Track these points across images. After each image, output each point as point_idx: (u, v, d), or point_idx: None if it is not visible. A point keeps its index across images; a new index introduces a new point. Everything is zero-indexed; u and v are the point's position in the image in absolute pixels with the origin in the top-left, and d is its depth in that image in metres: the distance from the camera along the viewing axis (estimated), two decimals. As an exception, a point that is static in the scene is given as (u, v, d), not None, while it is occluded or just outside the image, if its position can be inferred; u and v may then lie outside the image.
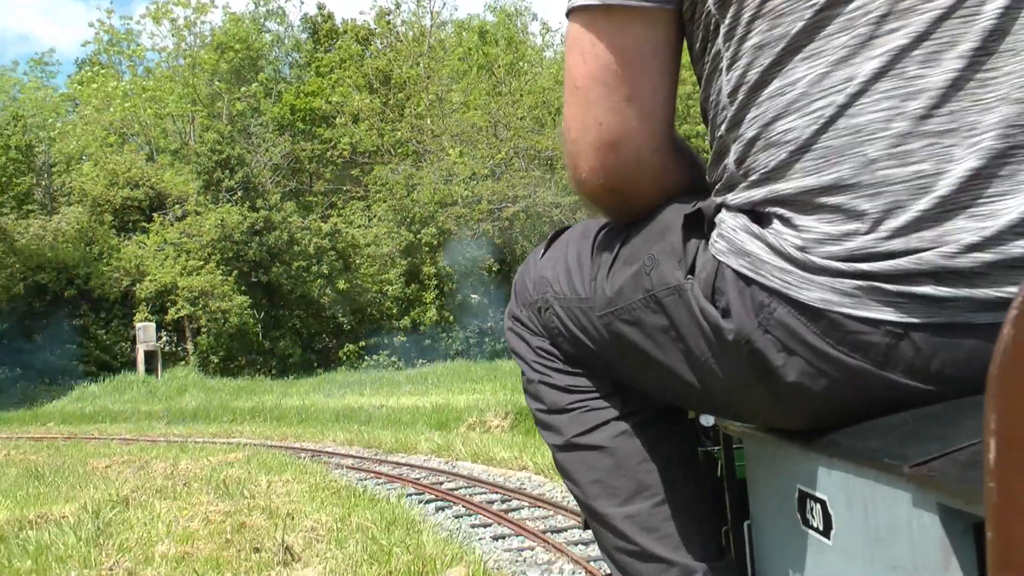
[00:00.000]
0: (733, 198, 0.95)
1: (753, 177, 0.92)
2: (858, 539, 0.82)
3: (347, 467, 11.12)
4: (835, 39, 0.86)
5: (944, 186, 0.81)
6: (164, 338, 33.27)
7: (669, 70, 1.03)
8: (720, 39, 0.95)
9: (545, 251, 1.28)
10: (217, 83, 42.43)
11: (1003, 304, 0.80)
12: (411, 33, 46.09)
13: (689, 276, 0.97)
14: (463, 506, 8.12)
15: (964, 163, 0.81)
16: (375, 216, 38.84)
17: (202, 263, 33.19)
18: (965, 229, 0.81)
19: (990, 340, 0.67)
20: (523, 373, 1.29)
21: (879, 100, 0.84)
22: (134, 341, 29.69)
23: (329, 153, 42.39)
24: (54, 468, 10.31)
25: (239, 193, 33.89)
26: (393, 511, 6.85)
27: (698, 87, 1.04)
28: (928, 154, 0.82)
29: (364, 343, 36.03)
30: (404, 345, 35.49)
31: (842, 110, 0.85)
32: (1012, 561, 0.49)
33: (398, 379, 26.18)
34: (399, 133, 40.95)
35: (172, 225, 36.02)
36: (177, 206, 37.09)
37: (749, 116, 0.92)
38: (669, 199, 1.07)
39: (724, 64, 0.95)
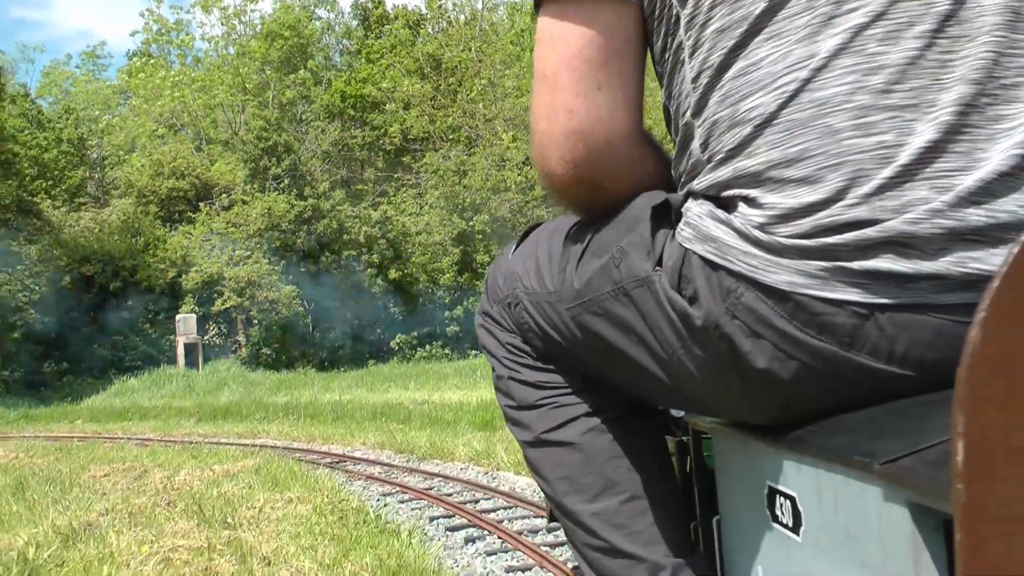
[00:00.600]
0: (699, 183, 0.95)
1: (719, 157, 0.92)
2: (828, 536, 0.82)
3: (371, 477, 9.68)
4: (796, 19, 0.88)
5: (905, 155, 0.83)
6: (214, 330, 32.49)
7: (637, 64, 1.03)
8: (682, 30, 0.96)
9: (517, 247, 1.29)
10: (267, 71, 41.67)
11: (966, 284, 0.82)
12: (462, 17, 45.05)
13: (657, 268, 0.97)
14: (499, 536, 6.56)
15: (924, 135, 0.83)
16: (426, 203, 37.85)
17: (249, 253, 32.50)
18: (926, 199, 0.82)
19: (954, 320, 0.79)
20: (493, 369, 1.29)
21: (842, 75, 0.85)
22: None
23: (380, 140, 41.38)
24: (47, 477, 9.15)
25: (286, 181, 33.07)
26: (403, 552, 5.37)
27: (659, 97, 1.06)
28: (890, 126, 0.84)
29: (416, 333, 34.99)
30: (457, 335, 34.38)
31: (805, 84, 0.86)
32: (980, 562, 0.48)
33: (446, 371, 24.95)
34: (451, 119, 40.13)
35: (218, 215, 35.34)
36: (224, 195, 36.39)
37: (714, 99, 0.93)
38: (639, 193, 1.06)
39: (686, 54, 0.96)
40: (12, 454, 12.11)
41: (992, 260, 0.82)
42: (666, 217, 1.00)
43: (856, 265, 0.83)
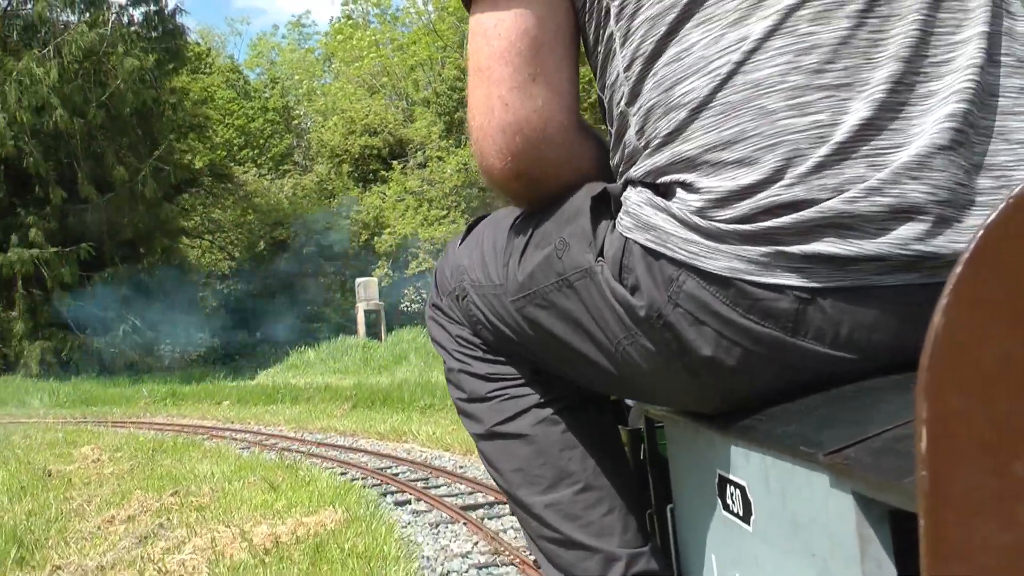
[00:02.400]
0: (636, 170, 0.95)
1: (655, 143, 0.92)
2: (777, 525, 0.82)
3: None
4: (726, 3, 0.88)
5: (840, 134, 0.83)
6: (410, 295, 29.87)
7: (570, 55, 1.03)
8: (612, 21, 0.96)
9: (463, 239, 1.28)
10: (465, 26, 38.78)
11: (907, 265, 0.82)
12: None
13: (600, 258, 0.96)
14: None
15: (858, 113, 0.83)
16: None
17: (445, 212, 29.64)
18: (863, 176, 0.82)
19: (894, 303, 0.80)
20: (444, 362, 1.29)
21: (774, 56, 0.85)
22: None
23: (587, 92, 37.50)
24: (56, 516, 5.82)
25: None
26: None
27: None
28: (825, 105, 0.84)
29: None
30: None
31: (738, 67, 0.86)
32: (945, 550, 0.49)
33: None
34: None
35: (413, 172, 32.70)
36: (419, 152, 33.67)
37: (647, 86, 0.93)
38: (580, 184, 1.06)
39: (617, 44, 0.96)
40: (100, 453, 9.13)
41: (934, 241, 0.81)
42: (606, 207, 1.00)
43: (796, 249, 0.83)
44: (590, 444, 1.17)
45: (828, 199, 0.82)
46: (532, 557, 1.25)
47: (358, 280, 23.55)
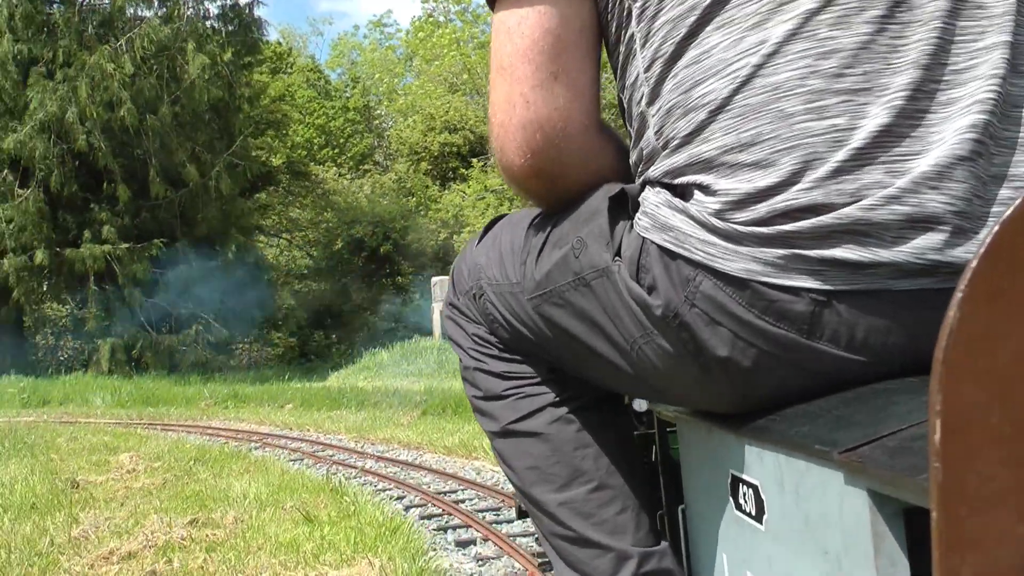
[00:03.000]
0: (655, 170, 0.95)
1: (674, 143, 0.92)
2: (790, 525, 0.82)
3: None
4: (746, 7, 0.88)
5: (858, 139, 0.83)
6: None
7: (592, 55, 1.03)
8: (634, 22, 0.96)
9: (481, 239, 1.29)
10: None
11: (921, 271, 0.82)
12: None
13: (617, 258, 0.97)
14: None
15: (877, 119, 0.83)
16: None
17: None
18: (882, 183, 0.82)
19: (910, 307, 0.80)
20: (460, 360, 1.30)
21: (793, 60, 0.85)
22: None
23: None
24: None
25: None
26: None
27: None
28: (843, 109, 0.83)
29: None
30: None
31: (758, 70, 0.86)
32: (957, 542, 0.49)
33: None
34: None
35: (494, 170, 31.79)
36: (500, 149, 32.69)
37: (667, 87, 0.93)
38: (598, 184, 1.07)
39: (638, 45, 0.96)
40: (130, 465, 8.20)
41: (951, 252, 0.81)
42: (624, 208, 1.00)
43: (813, 253, 0.83)
44: (604, 443, 1.18)
45: (846, 205, 0.82)
46: (546, 558, 1.22)
47: (434, 279, 22.58)
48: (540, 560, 4.19)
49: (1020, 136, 0.85)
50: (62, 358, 24.54)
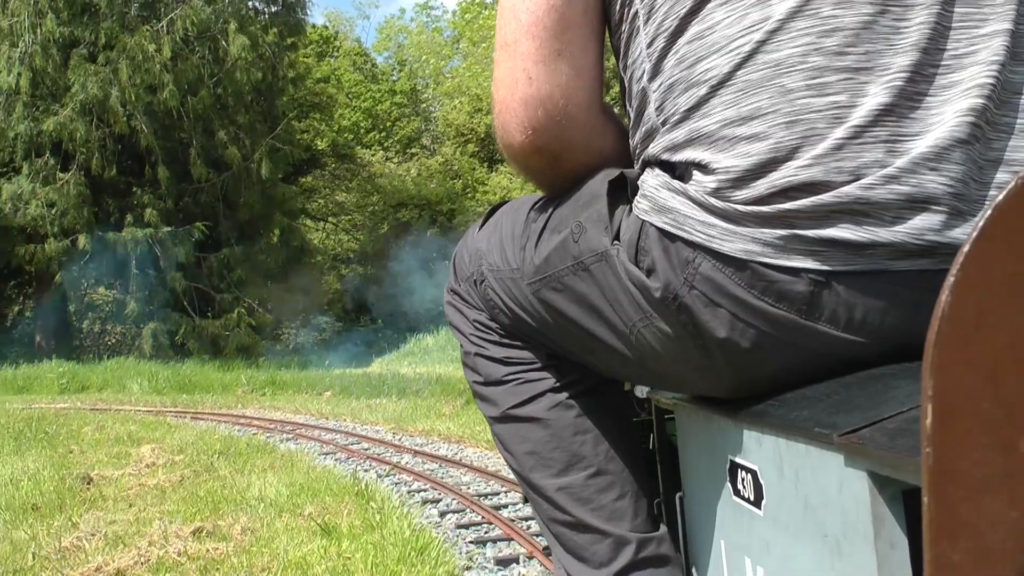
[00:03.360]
0: (654, 146, 0.95)
1: (674, 119, 0.92)
2: (788, 509, 0.82)
3: None
4: None
5: (858, 117, 0.82)
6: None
7: (596, 34, 1.03)
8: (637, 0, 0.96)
9: (482, 225, 1.29)
10: None
11: (920, 252, 0.82)
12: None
13: (616, 242, 0.96)
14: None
15: (877, 97, 0.83)
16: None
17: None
18: (881, 162, 0.82)
19: (908, 288, 0.79)
20: (461, 346, 1.29)
21: (796, 37, 0.85)
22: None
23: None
24: None
25: (617, 111, 27.82)
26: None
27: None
28: (843, 87, 0.83)
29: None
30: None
31: (760, 46, 0.86)
32: (948, 525, 0.49)
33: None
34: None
35: (540, 151, 31.08)
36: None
37: (669, 63, 0.93)
38: (598, 166, 1.06)
39: (641, 21, 0.96)
40: (151, 458, 7.66)
41: (949, 233, 0.81)
42: (624, 192, 0.99)
43: (812, 233, 0.83)
44: (603, 429, 1.18)
45: (845, 183, 0.82)
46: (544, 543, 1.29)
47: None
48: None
49: (1018, 122, 0.85)
50: (107, 343, 24.37)
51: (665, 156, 0.92)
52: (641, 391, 1.27)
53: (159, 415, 11.94)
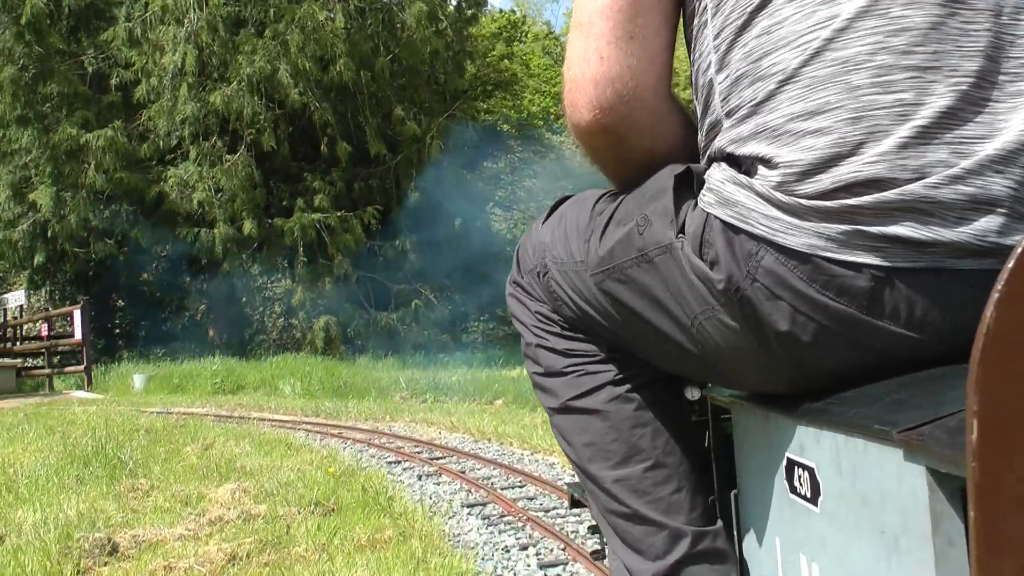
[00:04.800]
0: (720, 140, 0.96)
1: (740, 113, 0.93)
2: (846, 505, 0.82)
3: None
4: None
5: (924, 117, 0.83)
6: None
7: (669, 21, 1.05)
8: None
9: (546, 218, 1.30)
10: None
11: (982, 252, 0.82)
12: None
13: (680, 235, 0.97)
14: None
15: (944, 99, 0.83)
16: None
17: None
18: (947, 162, 0.82)
19: (970, 286, 0.80)
20: (522, 337, 1.31)
21: (864, 36, 0.86)
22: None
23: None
24: None
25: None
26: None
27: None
28: (910, 85, 0.84)
29: None
30: None
31: (828, 43, 0.87)
32: (993, 540, 0.49)
33: None
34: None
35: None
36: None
37: (736, 56, 0.94)
38: (662, 153, 1.08)
39: (709, 15, 0.97)
40: (219, 509, 5.32)
41: (1013, 235, 0.82)
42: (689, 186, 1.00)
43: (875, 230, 0.83)
44: (662, 423, 1.19)
45: (909, 181, 0.82)
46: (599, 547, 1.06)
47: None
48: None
49: None
50: (276, 338, 23.09)
51: (731, 149, 0.93)
52: (692, 393, 1.26)
53: (291, 428, 9.72)
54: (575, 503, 1.35)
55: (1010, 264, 0.48)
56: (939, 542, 0.66)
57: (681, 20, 1.07)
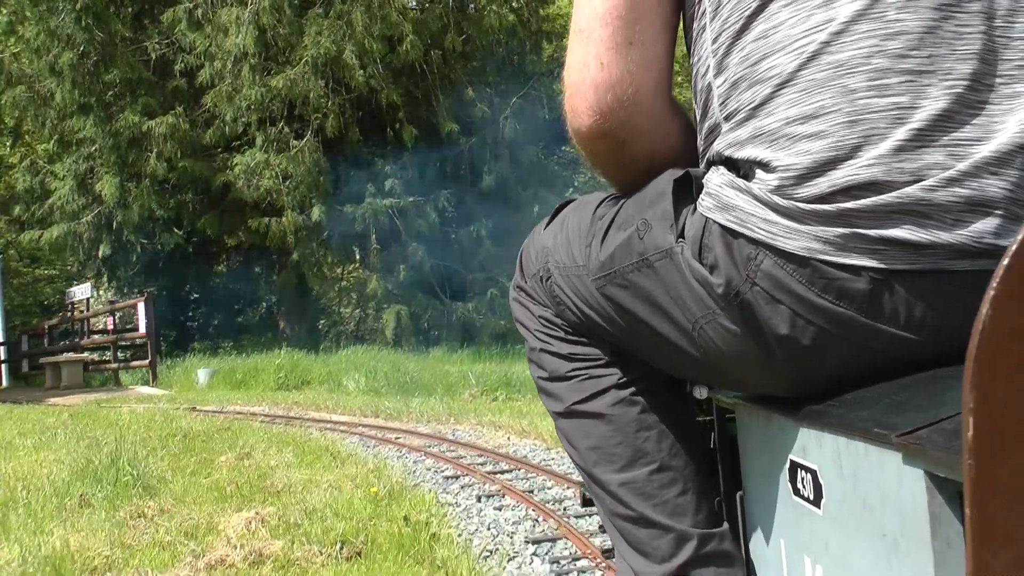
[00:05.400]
0: (718, 143, 0.97)
1: (738, 117, 0.94)
2: (847, 508, 0.83)
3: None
4: None
5: (919, 120, 0.84)
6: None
7: (668, 26, 1.05)
8: None
9: (549, 222, 1.31)
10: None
11: (980, 253, 0.83)
12: None
13: (680, 239, 0.98)
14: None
15: (939, 102, 0.84)
16: None
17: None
18: (943, 164, 0.83)
19: (968, 287, 0.80)
20: (526, 341, 1.31)
21: (859, 39, 0.86)
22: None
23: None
24: None
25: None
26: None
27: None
28: (905, 89, 0.85)
29: None
30: None
31: (824, 47, 0.87)
32: (990, 536, 0.50)
33: None
34: None
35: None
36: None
37: (734, 60, 0.95)
38: (662, 156, 1.08)
39: (708, 18, 0.98)
40: (227, 546, 4.30)
41: (1009, 236, 0.83)
42: (689, 191, 1.01)
43: (873, 232, 0.84)
44: (667, 426, 1.19)
45: (906, 184, 0.83)
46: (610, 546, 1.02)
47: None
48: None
49: None
50: (345, 329, 22.31)
51: (729, 153, 0.94)
52: (700, 392, 1.25)
53: (344, 431, 8.72)
54: (587, 502, 1.34)
55: (1005, 261, 0.49)
56: (938, 545, 0.68)
57: (682, 23, 1.06)
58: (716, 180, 0.95)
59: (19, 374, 22.74)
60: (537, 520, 4.53)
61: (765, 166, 0.89)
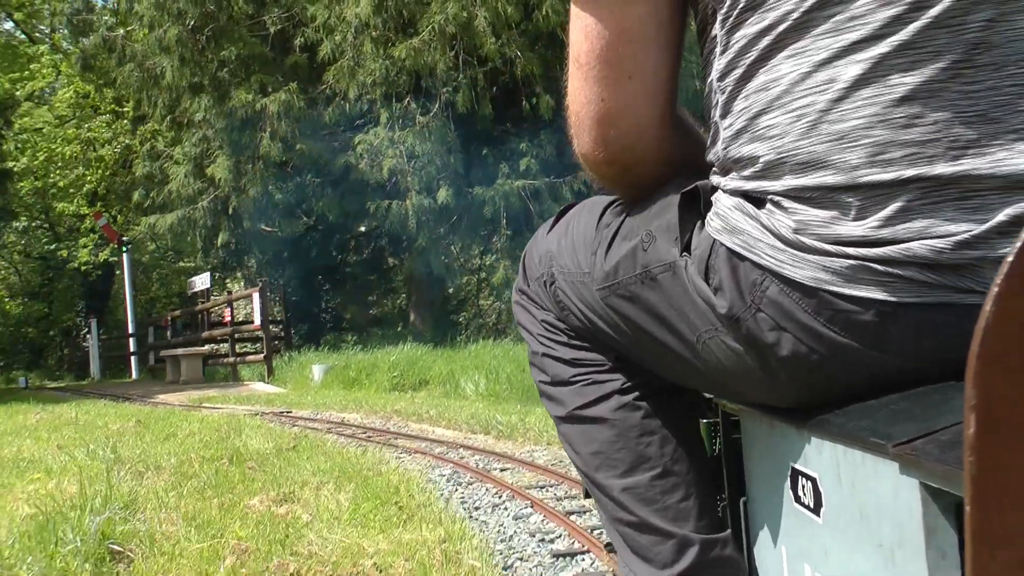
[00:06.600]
0: (727, 183, 0.95)
1: (745, 172, 0.92)
2: (846, 517, 0.83)
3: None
4: (820, 40, 0.86)
5: (926, 186, 0.80)
6: None
7: (671, 48, 1.03)
8: (717, 24, 0.95)
9: (552, 226, 1.30)
10: None
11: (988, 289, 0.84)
12: None
13: (685, 254, 0.97)
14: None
15: (947, 169, 0.81)
16: None
17: None
18: (953, 221, 0.80)
19: (975, 321, 0.75)
20: (529, 345, 1.30)
21: (860, 107, 0.83)
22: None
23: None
24: None
25: None
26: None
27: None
28: (909, 163, 0.81)
29: None
30: None
31: (823, 115, 0.85)
32: (988, 534, 0.49)
33: None
34: None
35: None
36: None
37: (737, 108, 0.93)
38: (672, 177, 1.07)
39: (718, 50, 0.95)
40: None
41: None
42: (696, 204, 1.00)
43: (882, 267, 0.82)
44: (669, 431, 1.18)
45: (913, 240, 0.81)
46: (607, 540, 1.23)
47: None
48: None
49: None
50: (473, 322, 20.48)
51: (736, 186, 0.93)
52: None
53: (437, 460, 6.76)
54: (589, 495, 1.29)
55: (1010, 259, 0.49)
56: (932, 556, 0.67)
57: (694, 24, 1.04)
58: (725, 202, 0.93)
59: (147, 366, 22.16)
60: None
61: (776, 205, 0.88)
